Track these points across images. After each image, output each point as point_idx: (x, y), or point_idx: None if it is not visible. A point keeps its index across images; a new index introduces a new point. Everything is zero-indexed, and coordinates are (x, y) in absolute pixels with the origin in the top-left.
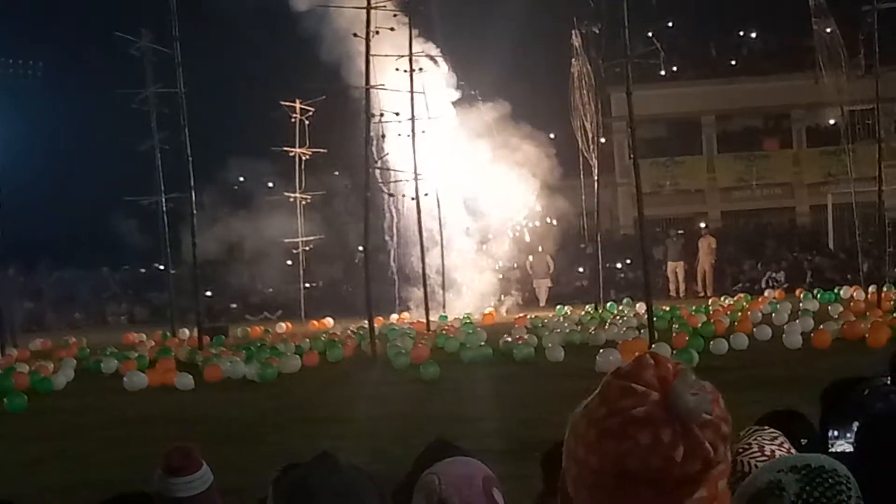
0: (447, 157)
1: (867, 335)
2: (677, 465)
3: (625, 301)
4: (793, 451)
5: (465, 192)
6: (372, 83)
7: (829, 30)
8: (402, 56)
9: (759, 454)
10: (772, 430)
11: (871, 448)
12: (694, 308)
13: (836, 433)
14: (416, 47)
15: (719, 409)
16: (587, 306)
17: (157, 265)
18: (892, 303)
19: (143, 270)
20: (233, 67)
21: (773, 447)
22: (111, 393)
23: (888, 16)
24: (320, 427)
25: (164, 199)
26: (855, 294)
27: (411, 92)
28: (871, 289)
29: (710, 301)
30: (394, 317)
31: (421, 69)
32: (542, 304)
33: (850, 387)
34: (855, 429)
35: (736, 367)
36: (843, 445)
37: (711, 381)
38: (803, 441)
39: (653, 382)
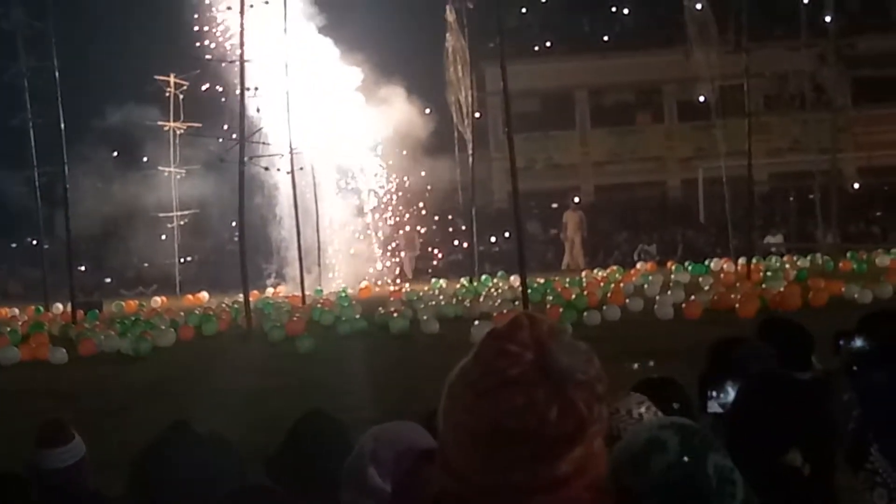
0: (322, 131)
1: (737, 306)
2: (552, 425)
3: (499, 274)
4: (659, 413)
5: (339, 166)
6: (247, 57)
7: (699, 6)
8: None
9: (627, 417)
10: (638, 394)
11: (746, 407)
12: (568, 280)
13: (713, 393)
14: (292, 22)
15: (594, 368)
16: (462, 279)
17: (30, 239)
18: (761, 274)
19: (13, 245)
20: (106, 41)
21: (640, 410)
22: None
23: None
24: (195, 400)
25: (36, 174)
26: (725, 266)
27: (286, 66)
28: (741, 261)
29: (583, 273)
30: (269, 291)
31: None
32: (409, 276)
33: (728, 348)
34: (729, 388)
35: (609, 338)
36: (716, 407)
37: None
38: (675, 405)
39: (527, 343)
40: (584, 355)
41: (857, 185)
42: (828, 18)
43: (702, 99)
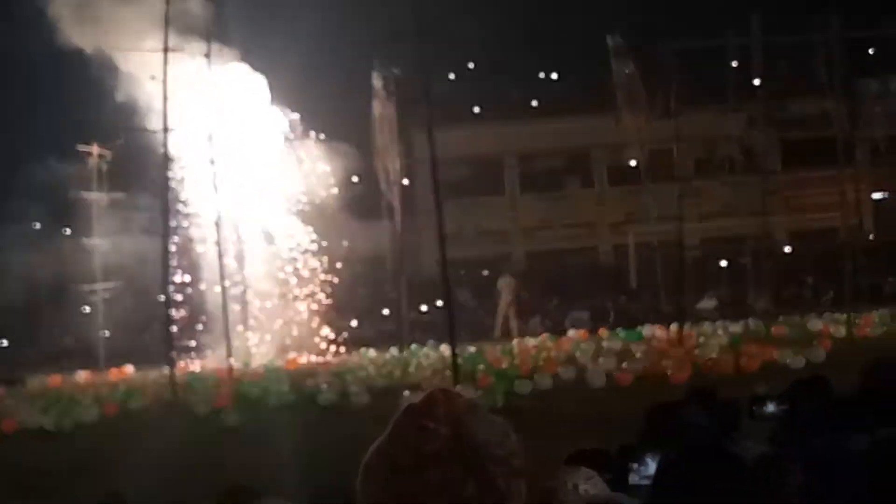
0: (250, 199)
1: (670, 373)
2: (470, 501)
3: (429, 343)
4: (606, 490)
5: (267, 235)
6: (171, 125)
7: (627, 71)
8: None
9: (573, 491)
10: (587, 470)
11: (664, 480)
12: (499, 349)
13: (633, 465)
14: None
15: (511, 443)
16: (392, 349)
17: None
18: (693, 340)
19: None
20: (26, 112)
21: (585, 486)
22: None
23: (685, 57)
24: (118, 477)
25: None
26: (658, 332)
27: (209, 135)
28: (674, 327)
29: (514, 342)
30: (195, 364)
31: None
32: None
33: (649, 418)
34: (649, 460)
35: (541, 407)
36: (636, 479)
37: (516, 422)
38: (608, 476)
39: (443, 418)
40: (502, 430)
41: (788, 249)
42: (756, 82)
43: (632, 163)
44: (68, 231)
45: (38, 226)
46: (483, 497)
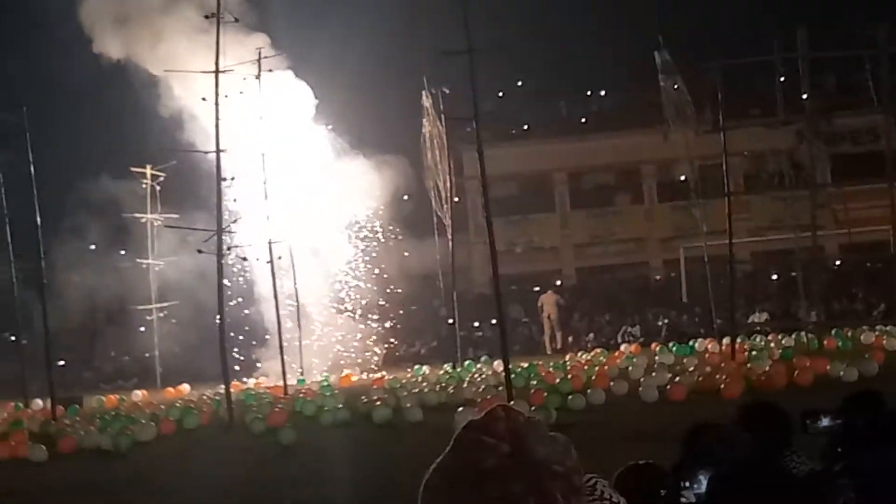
0: (303, 219)
1: (722, 387)
2: None
3: (482, 359)
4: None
5: (318, 252)
6: (223, 147)
7: (675, 86)
8: (254, 119)
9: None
10: (593, 475)
11: (717, 499)
12: (552, 364)
13: (686, 483)
14: (271, 111)
15: (570, 460)
16: (445, 365)
17: (7, 335)
18: (746, 354)
19: None
20: (81, 134)
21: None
22: None
23: (732, 72)
24: (176, 494)
25: (13, 268)
26: (710, 346)
27: (262, 155)
28: (726, 341)
29: (567, 357)
30: (251, 382)
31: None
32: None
33: (700, 435)
34: (701, 478)
35: (593, 422)
36: (690, 497)
37: (570, 437)
38: (662, 492)
39: (504, 435)
40: (561, 447)
41: (838, 262)
42: (804, 96)
43: (681, 178)
44: (123, 252)
45: (93, 247)
46: None
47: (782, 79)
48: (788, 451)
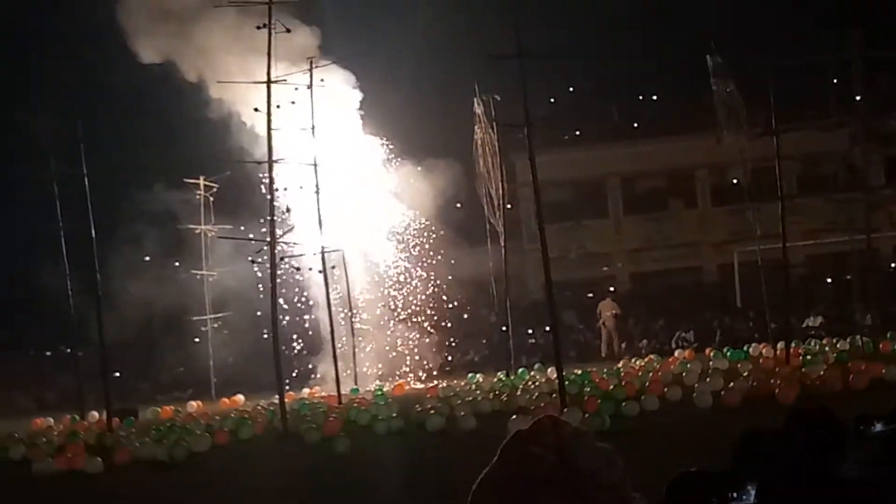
0: (354, 227)
1: (777, 392)
2: None
3: (536, 366)
4: None
5: (373, 262)
6: (276, 157)
7: (728, 89)
8: (304, 129)
9: None
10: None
11: None
12: (605, 371)
13: (733, 494)
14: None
15: (618, 471)
16: (499, 373)
17: (64, 347)
18: (801, 358)
19: (48, 354)
20: (135, 145)
21: None
22: (16, 482)
23: (785, 74)
24: None
25: (69, 281)
26: (764, 351)
27: (315, 165)
28: (780, 345)
29: (620, 363)
30: (305, 391)
31: (323, 141)
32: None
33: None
34: (749, 488)
35: (648, 429)
36: None
37: (624, 444)
38: (714, 500)
39: (551, 445)
40: (609, 457)
41: (894, 265)
42: (857, 97)
43: (734, 182)
44: (178, 263)
45: (148, 258)
46: None
47: (835, 80)
48: (839, 456)
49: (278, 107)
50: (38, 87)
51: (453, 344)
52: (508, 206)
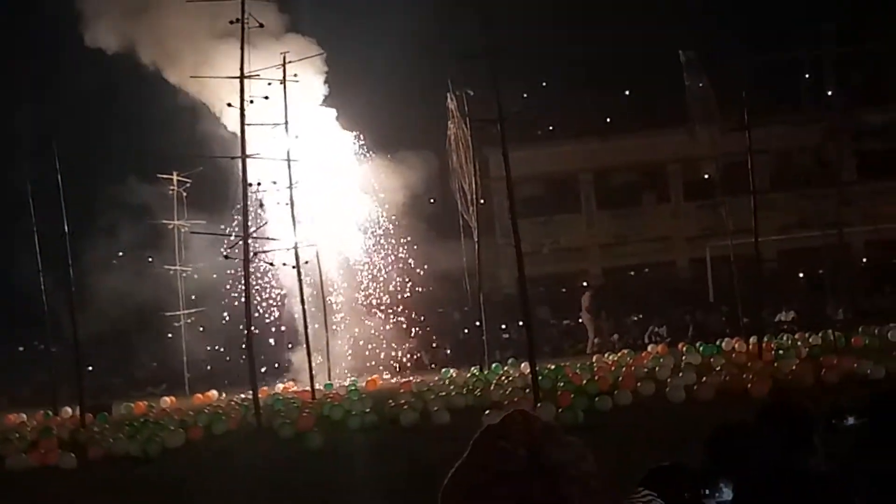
0: (328, 222)
1: (750, 386)
2: None
3: (509, 361)
4: None
5: (346, 258)
6: (249, 152)
7: (700, 84)
8: (278, 125)
9: None
10: (648, 492)
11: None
12: (578, 366)
13: (706, 491)
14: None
15: (587, 464)
16: (472, 368)
17: (37, 343)
18: (773, 353)
19: (21, 349)
20: (106, 142)
21: None
22: None
23: (758, 69)
24: (204, 500)
25: (42, 277)
26: (737, 346)
27: (288, 160)
28: (753, 340)
29: (593, 358)
30: (279, 387)
31: (297, 136)
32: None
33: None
34: (722, 486)
35: (621, 423)
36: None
37: (597, 439)
38: (686, 494)
39: (521, 439)
40: (578, 451)
41: (865, 259)
42: (830, 93)
43: (707, 177)
44: (151, 258)
45: (121, 253)
46: None
47: (808, 75)
48: (810, 450)
49: (251, 101)
50: (5, 83)
51: (428, 339)
52: (482, 201)
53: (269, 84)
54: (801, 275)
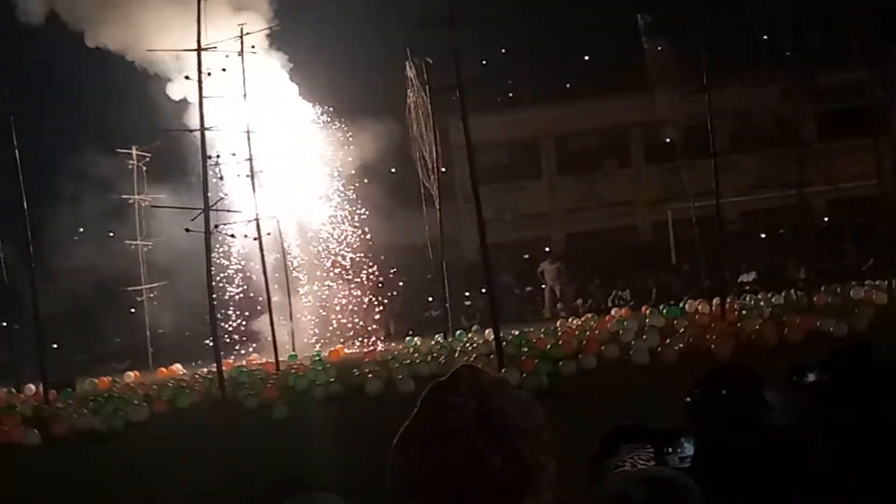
0: (288, 193)
1: (713, 347)
2: (497, 473)
3: (473, 328)
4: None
5: (305, 227)
6: (208, 125)
7: (659, 48)
8: (236, 96)
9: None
10: (650, 449)
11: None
12: (543, 331)
13: (668, 449)
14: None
15: (537, 417)
16: (437, 336)
17: None
18: (736, 313)
19: None
20: (65, 116)
21: (645, 465)
22: None
23: (716, 31)
24: (170, 473)
25: (1, 253)
26: (700, 307)
27: (248, 132)
28: (716, 301)
29: (557, 323)
30: (243, 358)
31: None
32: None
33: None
34: (683, 442)
35: (586, 387)
36: (676, 462)
37: (562, 403)
38: (648, 446)
39: (470, 394)
40: (528, 404)
41: (826, 219)
42: (788, 53)
43: (668, 140)
44: (112, 233)
45: (81, 229)
46: (509, 470)
47: (766, 36)
48: (764, 406)
49: (209, 74)
50: None
51: (391, 308)
52: (443, 169)
53: (227, 56)
54: (762, 235)
